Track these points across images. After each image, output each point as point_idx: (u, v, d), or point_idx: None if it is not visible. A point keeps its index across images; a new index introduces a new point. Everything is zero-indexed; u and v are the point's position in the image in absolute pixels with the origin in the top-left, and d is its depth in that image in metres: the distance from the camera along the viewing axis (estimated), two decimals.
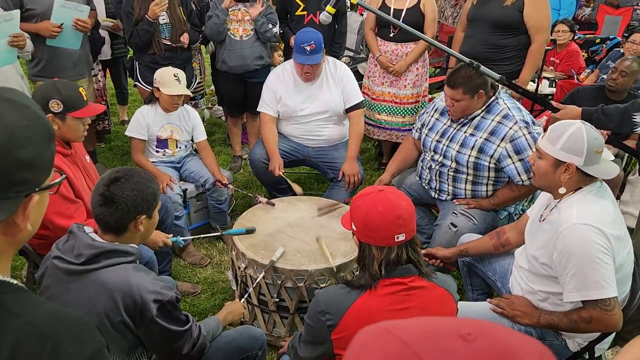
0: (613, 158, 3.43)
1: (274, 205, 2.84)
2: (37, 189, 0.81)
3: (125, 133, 3.28)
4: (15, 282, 0.84)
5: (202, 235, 2.82)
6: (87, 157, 2.46)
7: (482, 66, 2.44)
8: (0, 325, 0.78)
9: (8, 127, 0.76)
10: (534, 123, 2.54)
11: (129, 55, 4.58)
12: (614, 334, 1.94)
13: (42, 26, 3.25)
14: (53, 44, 3.34)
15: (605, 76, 4.71)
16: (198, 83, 4.52)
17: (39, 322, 0.80)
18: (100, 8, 4.13)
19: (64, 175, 0.90)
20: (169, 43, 3.71)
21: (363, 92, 4.01)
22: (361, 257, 1.58)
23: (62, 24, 3.27)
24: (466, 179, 2.65)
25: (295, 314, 2.41)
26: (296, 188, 3.14)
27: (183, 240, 2.56)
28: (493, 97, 2.55)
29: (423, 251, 2.39)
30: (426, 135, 2.79)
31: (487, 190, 2.66)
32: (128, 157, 4.59)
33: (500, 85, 2.58)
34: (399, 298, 1.51)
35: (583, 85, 4.29)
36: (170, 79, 3.08)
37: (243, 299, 2.25)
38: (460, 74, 2.47)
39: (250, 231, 2.58)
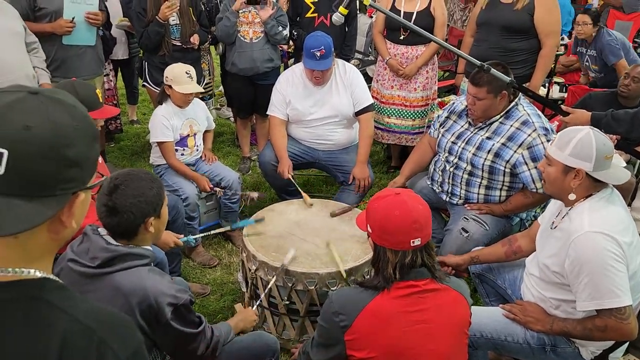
0: (625, 165, 3.42)
1: (264, 197, 3.00)
2: (83, 188, 0.84)
3: (153, 140, 3.13)
4: (56, 279, 0.86)
5: (212, 232, 2.78)
6: (100, 158, 2.46)
7: (492, 69, 2.43)
8: (48, 321, 0.80)
9: (58, 126, 0.79)
10: (552, 131, 2.50)
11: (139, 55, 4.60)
12: (627, 343, 1.93)
13: (56, 24, 3.29)
14: (69, 42, 3.38)
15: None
16: (207, 84, 4.53)
17: (84, 319, 0.82)
18: (116, 9, 4.16)
19: (104, 177, 0.92)
20: (179, 44, 3.71)
21: (372, 96, 4.01)
22: (376, 259, 1.59)
23: (73, 18, 3.30)
24: (480, 183, 2.62)
25: (305, 317, 2.41)
26: (307, 198, 2.96)
27: (194, 239, 2.53)
28: (513, 103, 2.52)
29: None
30: (442, 135, 2.76)
31: (500, 196, 2.63)
32: (137, 157, 4.61)
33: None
34: (412, 300, 1.52)
35: (595, 90, 4.26)
36: (182, 77, 3.04)
37: (255, 307, 2.20)
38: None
39: (259, 221, 2.60)
